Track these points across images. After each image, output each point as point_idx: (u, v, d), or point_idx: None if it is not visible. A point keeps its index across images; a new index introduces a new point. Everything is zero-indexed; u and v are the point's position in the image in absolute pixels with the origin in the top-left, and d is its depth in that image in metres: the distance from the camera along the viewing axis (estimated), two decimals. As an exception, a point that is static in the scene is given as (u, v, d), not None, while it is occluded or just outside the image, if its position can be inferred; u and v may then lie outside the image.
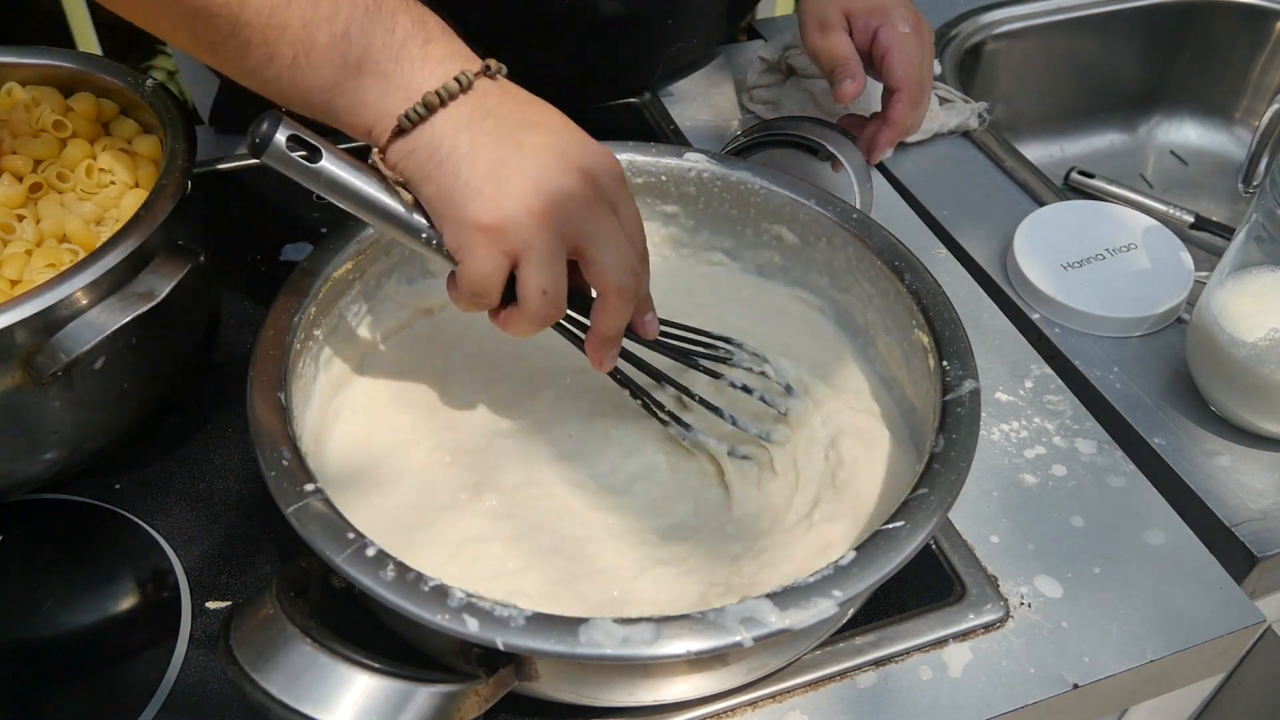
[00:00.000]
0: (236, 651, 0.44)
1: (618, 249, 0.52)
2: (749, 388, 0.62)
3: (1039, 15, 1.11)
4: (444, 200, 0.50)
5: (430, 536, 0.57)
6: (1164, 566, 0.62)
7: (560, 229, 0.50)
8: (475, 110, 0.50)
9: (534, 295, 0.51)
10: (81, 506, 0.64)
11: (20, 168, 0.65)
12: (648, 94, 0.99)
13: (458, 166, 0.50)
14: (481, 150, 0.50)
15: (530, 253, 0.50)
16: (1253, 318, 0.67)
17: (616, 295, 0.53)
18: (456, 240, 0.51)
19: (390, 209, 0.52)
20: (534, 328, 0.53)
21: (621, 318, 0.54)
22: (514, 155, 0.50)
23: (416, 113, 0.49)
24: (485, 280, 0.51)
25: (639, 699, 0.54)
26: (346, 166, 0.51)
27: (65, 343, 0.55)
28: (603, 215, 0.52)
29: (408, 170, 0.51)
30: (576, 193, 0.51)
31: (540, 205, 0.50)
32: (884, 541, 0.48)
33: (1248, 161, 0.89)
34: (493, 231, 0.50)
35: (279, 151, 0.49)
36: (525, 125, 0.51)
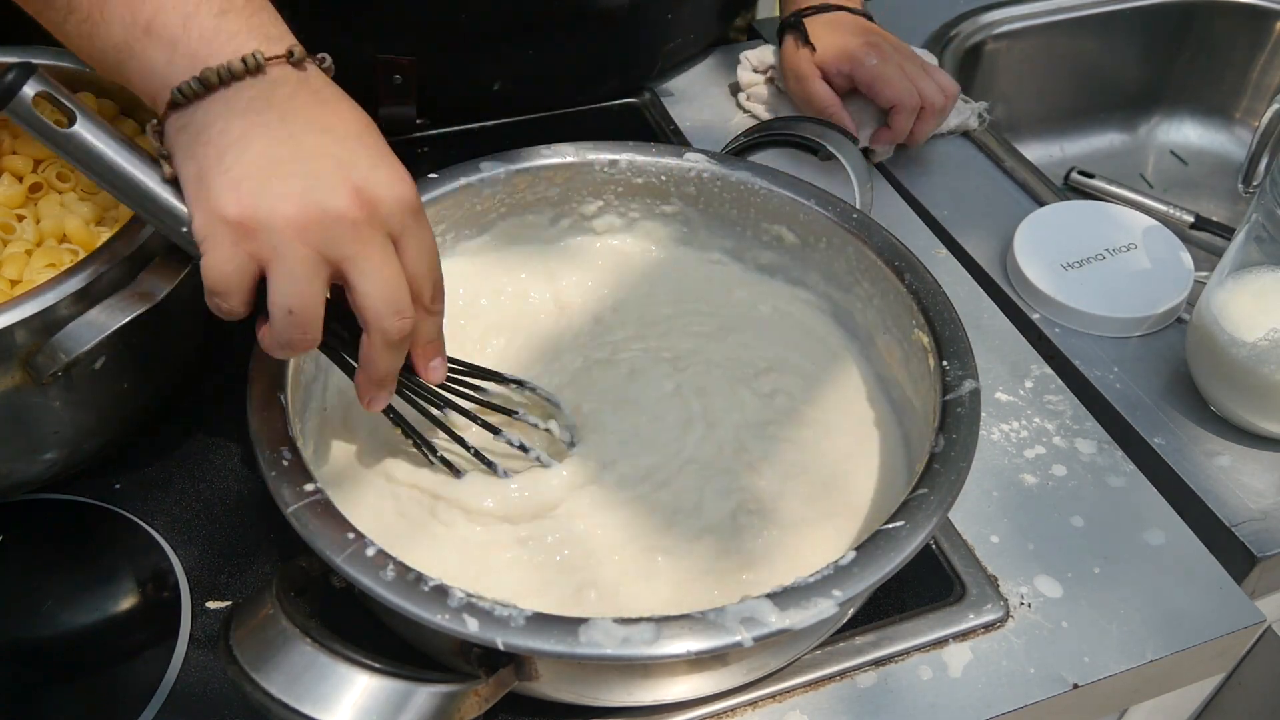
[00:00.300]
0: (236, 651, 0.44)
1: (384, 282, 0.48)
2: (525, 447, 0.59)
3: (1039, 15, 1.11)
4: (200, 183, 0.46)
5: (430, 535, 0.57)
6: (1164, 566, 0.62)
7: (320, 246, 0.46)
8: (257, 99, 0.47)
9: (279, 313, 0.47)
10: (81, 506, 0.64)
11: (20, 168, 0.65)
12: (648, 94, 0.99)
13: (223, 152, 0.46)
14: (253, 141, 0.46)
15: (279, 262, 0.46)
16: (1253, 318, 0.67)
17: (379, 333, 0.49)
18: (203, 229, 0.46)
19: (142, 185, 0.48)
20: (284, 351, 0.49)
21: (387, 359, 0.50)
22: (288, 155, 0.46)
23: (191, 88, 0.46)
24: (225, 280, 0.46)
25: (639, 699, 0.54)
26: (106, 136, 0.47)
27: (65, 343, 0.55)
28: (372, 241, 0.47)
29: (174, 144, 0.47)
30: (346, 211, 0.46)
31: (299, 214, 0.45)
32: (884, 541, 0.48)
33: (1248, 161, 0.89)
34: (240, 228, 0.46)
35: (24, 109, 0.46)
36: (313, 127, 0.47)
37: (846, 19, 0.89)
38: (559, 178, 0.69)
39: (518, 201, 0.70)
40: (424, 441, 0.58)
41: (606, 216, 0.72)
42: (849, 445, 0.62)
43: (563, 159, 0.69)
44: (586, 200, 0.71)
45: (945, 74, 0.88)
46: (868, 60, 0.85)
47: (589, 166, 0.69)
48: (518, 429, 0.61)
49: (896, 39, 0.89)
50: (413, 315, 0.49)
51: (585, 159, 0.69)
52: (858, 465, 0.61)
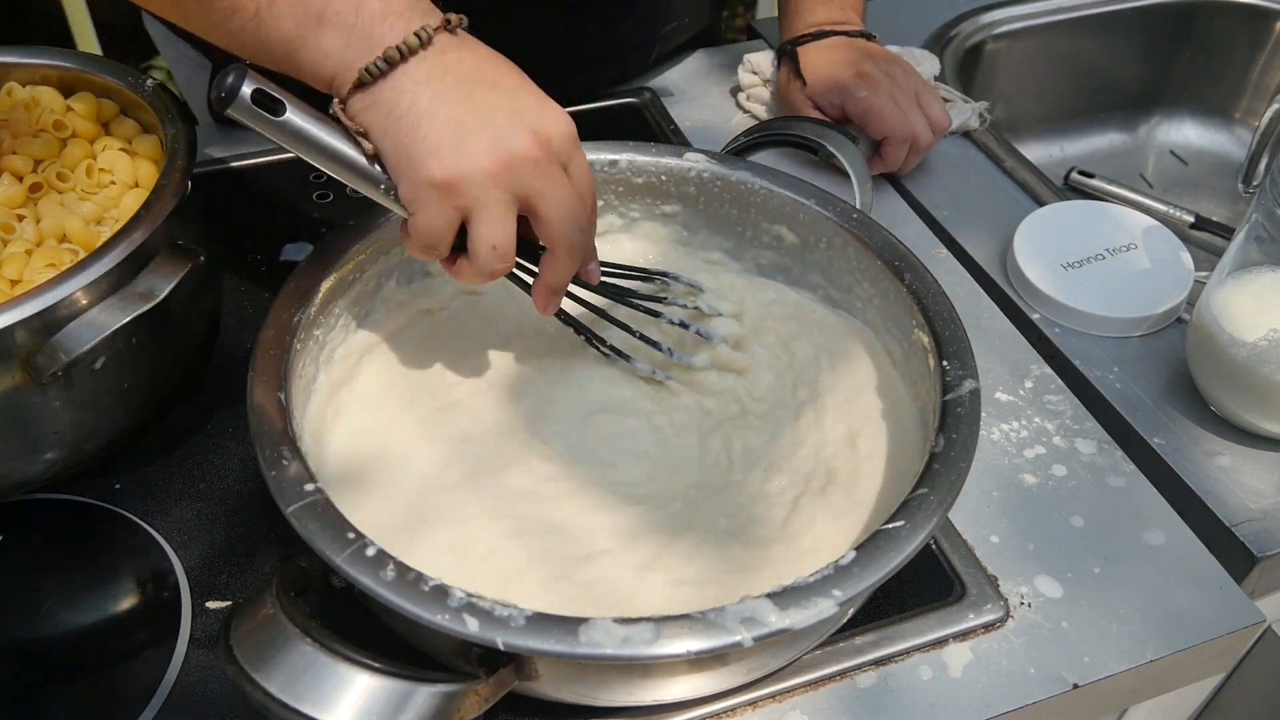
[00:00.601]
0: (236, 651, 0.44)
1: (568, 207, 0.54)
2: (685, 323, 0.65)
3: (1039, 15, 1.11)
4: (401, 155, 0.52)
5: (430, 536, 0.57)
6: (1164, 566, 0.62)
7: (512, 187, 0.52)
8: (434, 67, 0.52)
9: (484, 249, 0.53)
10: (81, 506, 0.64)
11: (20, 168, 0.65)
12: (648, 94, 0.99)
13: (416, 123, 0.51)
14: (440, 107, 0.51)
15: (481, 210, 0.52)
16: (1253, 318, 0.67)
17: (566, 252, 0.55)
18: (411, 194, 0.53)
19: (351, 160, 0.53)
20: (483, 279, 0.55)
21: (569, 271, 0.57)
22: (470, 114, 0.51)
23: (377, 67, 0.51)
24: (436, 233, 0.53)
25: (639, 699, 0.54)
26: (310, 119, 0.52)
27: (65, 343, 0.55)
28: (554, 175, 0.54)
29: (367, 122, 0.52)
30: (530, 153, 0.52)
31: (494, 164, 0.51)
32: (884, 541, 0.48)
33: (1248, 161, 0.89)
34: (446, 188, 0.52)
35: (244, 105, 0.50)
36: (482, 83, 0.53)
37: (842, 44, 0.88)
38: (559, 178, 0.69)
39: (518, 201, 0.70)
40: (593, 335, 0.65)
41: (607, 216, 0.72)
42: (849, 444, 0.62)
43: (563, 159, 0.69)
44: (586, 200, 0.71)
45: (938, 103, 0.87)
46: (858, 93, 0.84)
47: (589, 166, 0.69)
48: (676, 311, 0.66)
49: (893, 57, 0.88)
50: (590, 229, 0.57)
51: (585, 159, 0.69)
52: (857, 464, 0.61)
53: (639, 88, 1.00)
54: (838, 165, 0.79)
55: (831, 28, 0.90)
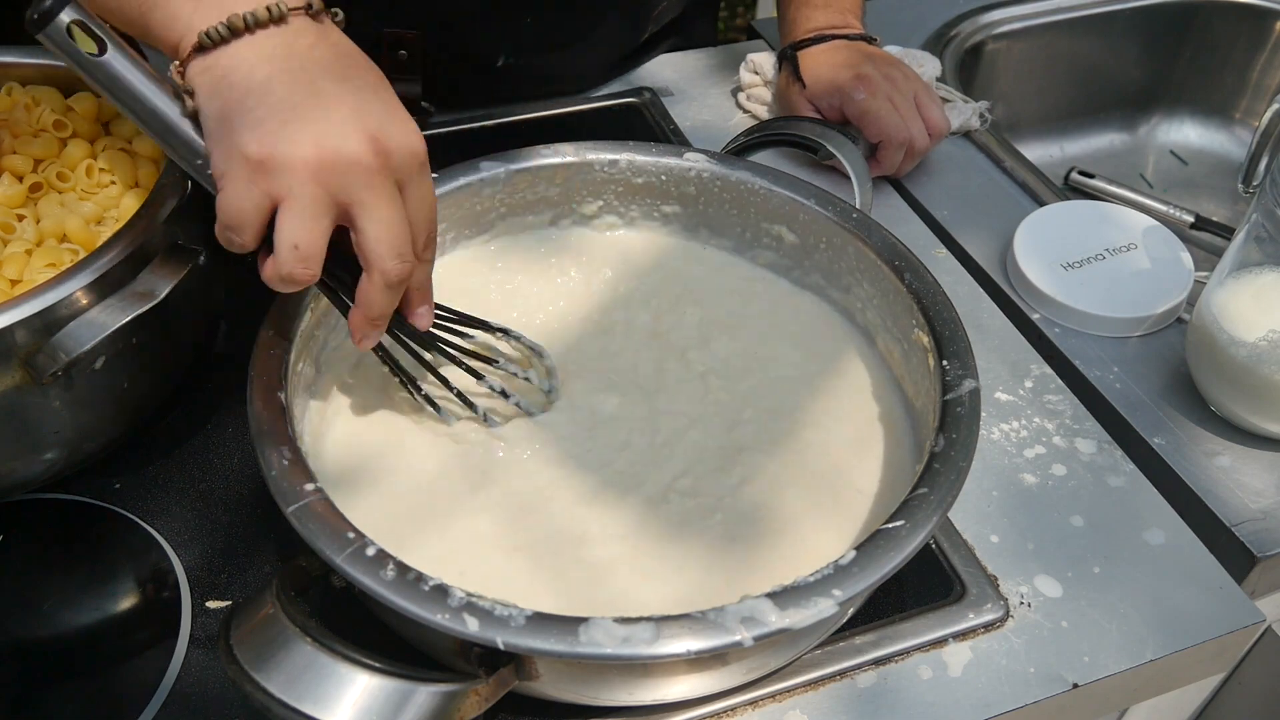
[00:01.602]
0: (236, 651, 0.44)
1: (389, 227, 0.50)
2: (506, 393, 0.61)
3: (1039, 15, 1.11)
4: (221, 122, 0.49)
5: (430, 535, 0.57)
6: (1164, 566, 0.62)
7: (331, 188, 0.49)
8: (282, 45, 0.49)
9: (285, 246, 0.49)
10: (81, 506, 0.64)
11: (20, 167, 0.65)
12: (648, 94, 0.99)
13: (246, 94, 0.48)
14: (276, 86, 0.48)
15: (291, 200, 0.48)
16: (1252, 318, 0.67)
17: (380, 276, 0.51)
18: (221, 165, 0.49)
19: (167, 115, 0.50)
20: (281, 283, 0.50)
21: (384, 300, 0.52)
22: (308, 101, 0.48)
23: (218, 32, 0.48)
24: (240, 214, 0.49)
25: (639, 699, 0.54)
26: (132, 65, 0.49)
27: (65, 343, 0.55)
28: (382, 188, 0.50)
29: (198, 84, 0.49)
30: (360, 156, 0.49)
31: (315, 157, 0.48)
32: (884, 541, 0.48)
33: (1248, 161, 0.89)
34: (258, 165, 0.48)
35: (58, 35, 0.47)
36: (331, 75, 0.50)
37: (843, 47, 0.89)
38: (559, 177, 0.69)
39: (518, 201, 0.70)
40: (410, 381, 0.60)
41: (606, 216, 0.72)
42: (849, 444, 0.62)
43: (563, 159, 0.69)
44: (586, 200, 0.71)
45: (937, 108, 0.87)
46: (856, 95, 0.84)
47: (589, 166, 0.69)
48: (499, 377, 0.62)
49: (893, 60, 0.88)
50: (412, 260, 0.52)
51: (585, 159, 0.69)
52: (858, 464, 0.61)
53: (639, 88, 1.00)
54: (838, 165, 0.79)
55: (832, 32, 0.90)
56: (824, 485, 0.60)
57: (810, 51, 0.89)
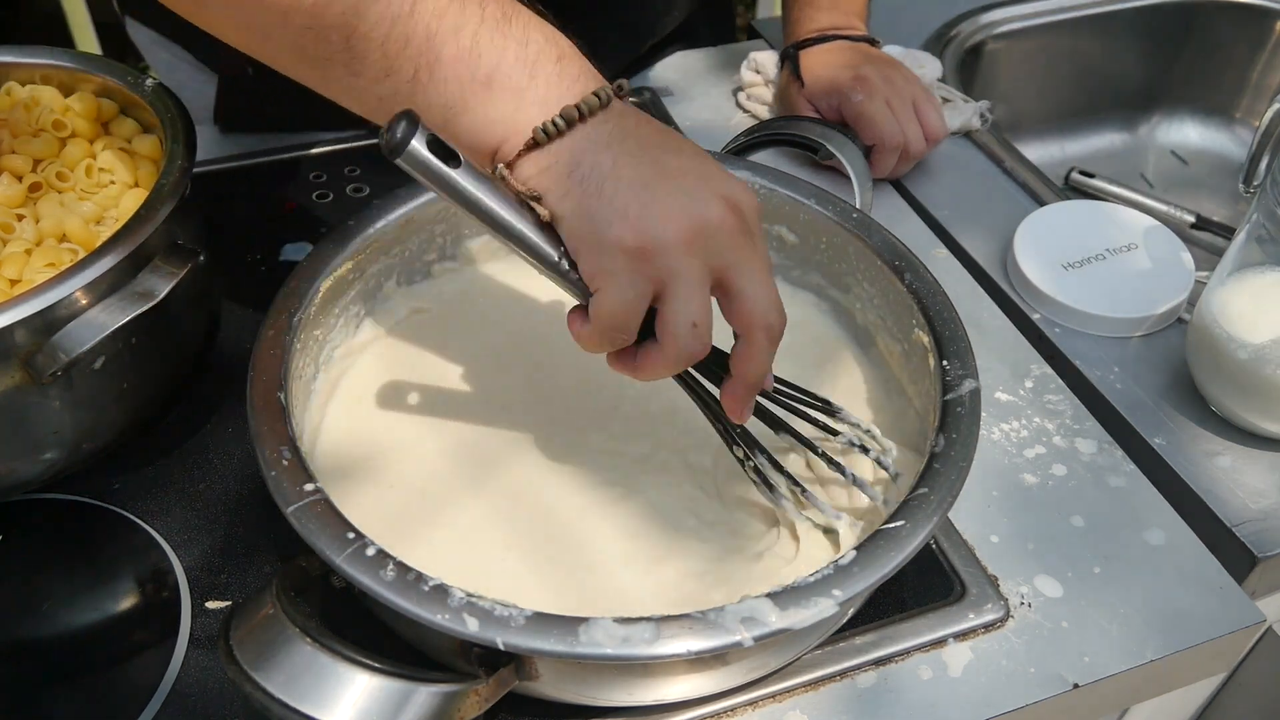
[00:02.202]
0: (236, 651, 0.44)
1: (764, 283, 0.48)
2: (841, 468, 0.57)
3: (1039, 15, 1.11)
4: (584, 219, 0.46)
5: (429, 535, 0.57)
6: (1164, 566, 0.62)
7: (708, 258, 0.47)
8: (616, 130, 0.47)
9: (683, 329, 0.47)
10: (81, 506, 0.64)
11: (20, 167, 0.65)
12: (648, 94, 0.99)
13: (600, 184, 0.46)
14: (625, 169, 0.46)
15: (678, 281, 0.46)
16: (1253, 318, 0.67)
17: (764, 331, 0.48)
18: (597, 264, 0.47)
19: (520, 229, 0.48)
20: (674, 368, 0.48)
21: (768, 360, 0.50)
22: (658, 178, 0.46)
23: (555, 125, 0.46)
24: (627, 309, 0.47)
25: (639, 699, 0.54)
26: (482, 179, 0.47)
27: (65, 342, 0.55)
28: (750, 246, 0.48)
29: (542, 186, 0.47)
30: (724, 220, 0.47)
31: (688, 230, 0.46)
32: (884, 541, 0.48)
33: (1248, 161, 0.89)
34: (639, 254, 0.46)
35: (418, 154, 0.45)
36: (665, 148, 0.48)
37: (844, 48, 0.89)
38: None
39: (518, 201, 0.70)
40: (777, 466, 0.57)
41: (606, 216, 0.72)
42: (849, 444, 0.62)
43: (563, 159, 0.69)
44: (586, 200, 0.71)
45: (936, 112, 0.86)
46: (853, 97, 0.84)
47: (589, 166, 0.69)
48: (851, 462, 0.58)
49: (893, 62, 0.88)
50: (783, 311, 0.50)
51: (585, 159, 0.69)
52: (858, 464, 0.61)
53: (639, 88, 1.00)
54: (838, 165, 0.79)
55: (834, 32, 0.90)
56: (824, 484, 0.60)
57: (811, 51, 0.89)
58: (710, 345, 0.48)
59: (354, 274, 0.63)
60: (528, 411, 0.64)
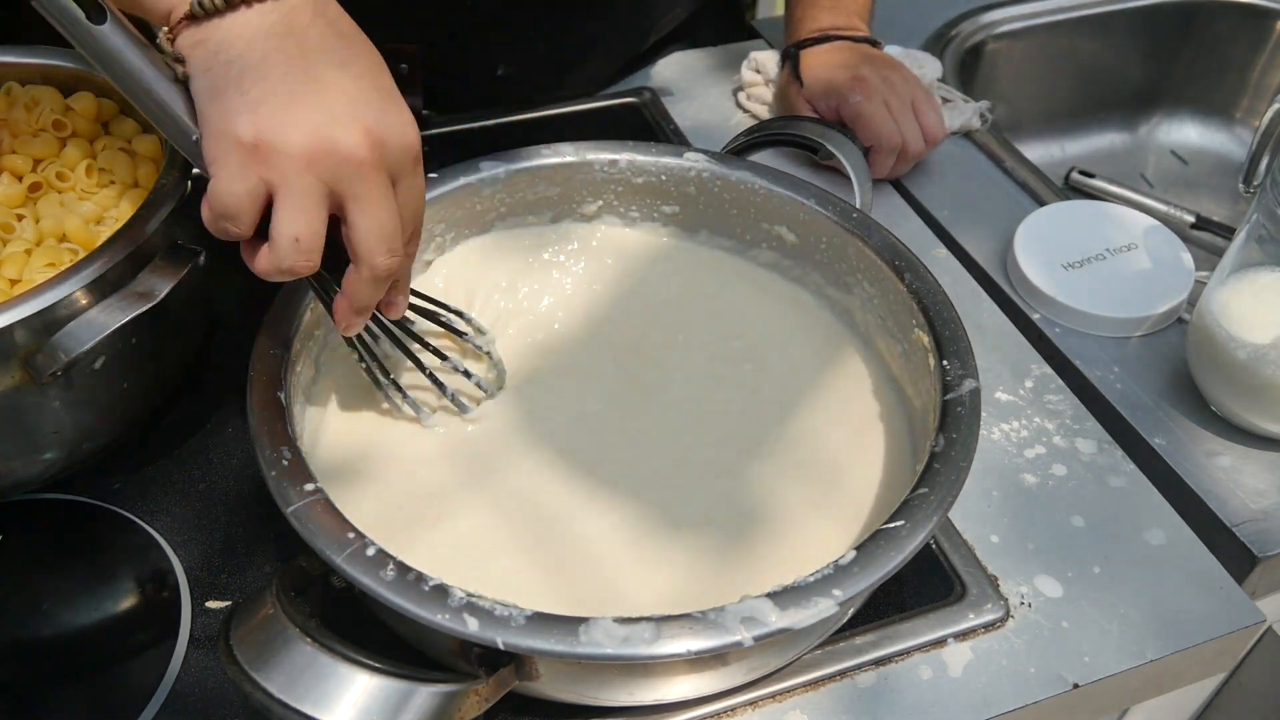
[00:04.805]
0: (236, 651, 0.44)
1: (381, 222, 0.49)
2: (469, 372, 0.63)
3: (1039, 15, 1.11)
4: (215, 102, 0.47)
5: (429, 535, 0.57)
6: (1164, 566, 0.62)
7: (326, 178, 0.47)
8: (280, 24, 0.47)
9: (285, 239, 0.48)
10: (81, 506, 0.64)
11: (20, 167, 0.65)
12: (648, 94, 0.99)
13: (241, 73, 0.47)
14: (272, 68, 0.47)
15: (287, 190, 0.47)
16: (1253, 318, 0.67)
17: (369, 268, 0.50)
18: (213, 150, 0.47)
19: (161, 96, 0.48)
20: (280, 274, 0.49)
21: (371, 292, 0.52)
22: (304, 87, 0.47)
23: (213, 3, 0.47)
24: (234, 200, 0.47)
25: (639, 699, 0.54)
26: (129, 39, 0.47)
27: (65, 342, 0.55)
28: (376, 182, 0.49)
29: (190, 56, 0.48)
30: (354, 150, 0.47)
31: (311, 146, 0.46)
32: (884, 541, 0.48)
33: (1248, 161, 0.89)
34: (253, 151, 0.46)
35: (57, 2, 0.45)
36: (330, 60, 0.48)
37: (844, 49, 0.89)
38: (559, 177, 0.69)
39: (518, 201, 0.70)
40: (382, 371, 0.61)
41: (606, 216, 0.72)
42: (849, 444, 0.62)
43: (563, 158, 0.69)
44: (586, 200, 0.71)
45: (935, 113, 0.86)
46: (851, 98, 0.84)
47: (589, 166, 0.69)
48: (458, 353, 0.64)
49: (893, 63, 0.88)
50: (401, 255, 0.51)
51: (585, 158, 0.69)
52: (858, 464, 0.61)
53: (639, 88, 1.00)
54: (838, 165, 0.79)
55: (835, 32, 0.90)
56: (824, 485, 0.60)
57: (812, 51, 0.89)
58: (316, 264, 0.49)
59: (354, 274, 0.63)
60: (527, 409, 0.64)
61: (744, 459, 0.62)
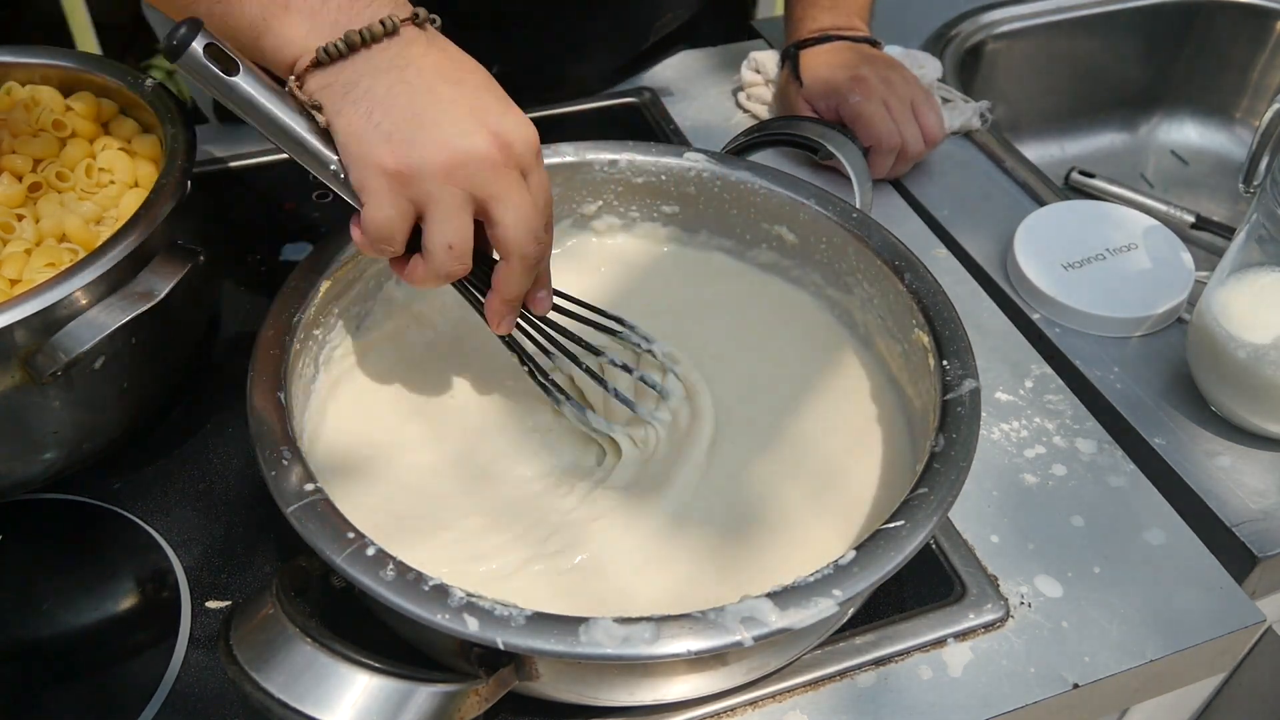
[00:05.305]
0: (236, 651, 0.44)
1: (525, 214, 0.53)
2: (628, 366, 0.63)
3: (1039, 15, 1.11)
4: (353, 137, 0.51)
5: (428, 535, 0.57)
6: (1164, 566, 0.62)
7: (468, 186, 0.51)
8: (398, 57, 0.51)
9: (439, 249, 0.52)
10: (81, 506, 0.64)
11: (20, 167, 0.65)
12: (648, 94, 0.99)
13: (371, 108, 0.50)
14: (398, 96, 0.51)
15: (435, 205, 0.51)
16: (1253, 318, 0.67)
17: (519, 259, 0.54)
18: (360, 181, 0.51)
19: (299, 135, 0.52)
20: (437, 281, 0.54)
21: (523, 282, 0.55)
22: (430, 107, 0.51)
23: (336, 48, 0.50)
24: (388, 226, 0.52)
25: (639, 699, 0.54)
26: (262, 86, 0.51)
27: (65, 342, 0.55)
28: (512, 179, 0.52)
29: (322, 100, 0.51)
30: (487, 153, 0.51)
31: (449, 159, 0.50)
32: (884, 541, 0.48)
33: (1248, 161, 0.89)
34: (397, 177, 0.50)
35: (194, 59, 0.49)
36: (446, 79, 0.52)
37: (844, 49, 0.89)
38: (559, 177, 0.69)
39: (518, 201, 0.70)
40: (536, 367, 0.62)
41: (606, 216, 0.72)
42: (849, 444, 0.62)
43: (562, 159, 0.69)
44: (586, 200, 0.71)
45: (934, 113, 0.86)
46: (851, 98, 0.84)
47: (589, 166, 0.69)
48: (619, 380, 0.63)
49: (893, 63, 0.88)
50: (546, 240, 0.55)
51: (585, 159, 0.69)
52: (858, 464, 0.61)
53: (639, 88, 1.00)
54: (838, 165, 0.79)
55: (835, 33, 0.90)
56: (824, 485, 0.60)
57: (812, 51, 0.89)
58: (469, 265, 0.53)
59: (354, 274, 0.63)
60: (527, 409, 0.64)
61: (744, 459, 0.62)
